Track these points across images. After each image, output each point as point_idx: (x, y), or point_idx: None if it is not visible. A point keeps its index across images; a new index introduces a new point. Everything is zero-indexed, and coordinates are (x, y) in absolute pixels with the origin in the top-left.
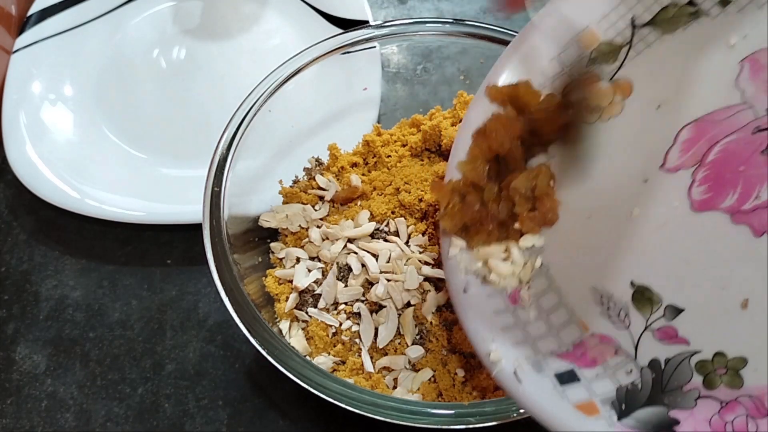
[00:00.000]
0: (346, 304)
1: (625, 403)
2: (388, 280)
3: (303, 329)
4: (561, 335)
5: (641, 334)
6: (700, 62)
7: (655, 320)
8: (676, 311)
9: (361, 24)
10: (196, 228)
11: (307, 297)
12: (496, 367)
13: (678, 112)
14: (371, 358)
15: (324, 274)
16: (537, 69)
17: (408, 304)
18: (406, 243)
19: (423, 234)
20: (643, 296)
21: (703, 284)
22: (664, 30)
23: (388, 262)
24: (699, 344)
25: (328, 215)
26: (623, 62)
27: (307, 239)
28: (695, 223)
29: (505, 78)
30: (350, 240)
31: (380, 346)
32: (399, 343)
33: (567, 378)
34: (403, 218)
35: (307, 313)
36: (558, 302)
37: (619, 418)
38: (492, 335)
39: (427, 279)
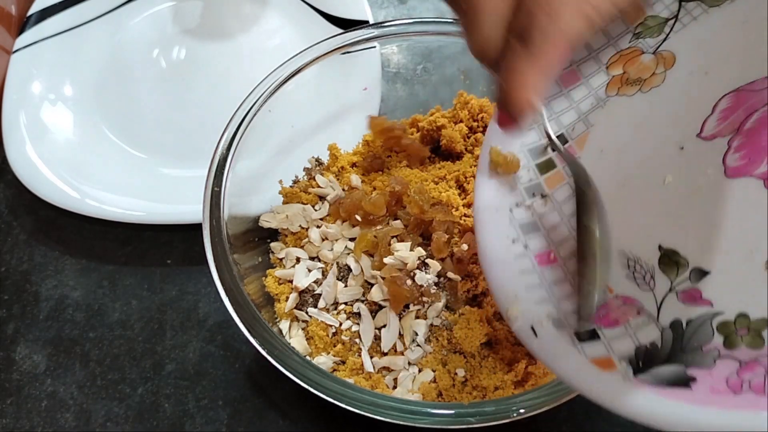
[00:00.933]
0: (346, 304)
1: (643, 360)
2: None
3: (303, 329)
4: (588, 306)
5: (665, 296)
6: (744, 34)
7: (680, 283)
8: (701, 274)
9: (361, 24)
10: (196, 228)
11: (307, 297)
12: (515, 322)
13: (718, 82)
14: (371, 358)
15: (324, 274)
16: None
17: (408, 306)
18: None
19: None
20: (670, 259)
21: (730, 248)
22: (710, 3)
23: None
24: (722, 306)
25: (328, 215)
26: (668, 35)
27: (307, 239)
28: (728, 188)
29: None
30: (351, 239)
31: (384, 351)
32: (399, 344)
33: (587, 336)
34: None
35: (307, 313)
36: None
37: (635, 373)
38: (515, 292)
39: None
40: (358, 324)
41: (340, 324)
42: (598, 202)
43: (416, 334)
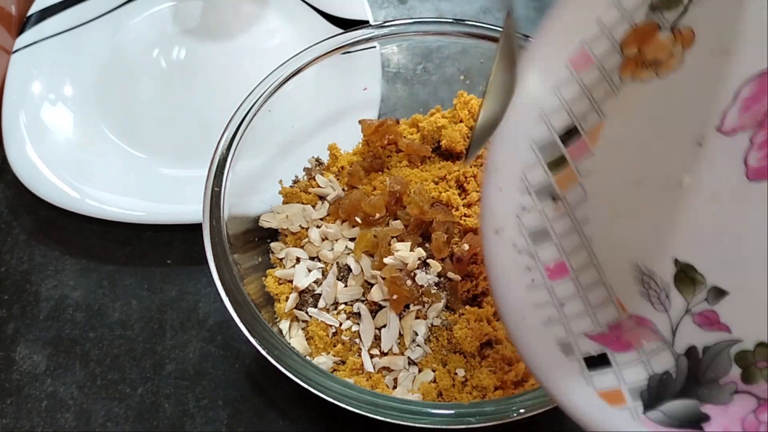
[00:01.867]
0: (346, 304)
1: (655, 393)
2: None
3: (303, 329)
4: (597, 315)
5: (681, 318)
6: None
7: (696, 303)
8: (719, 294)
9: (361, 24)
10: (196, 228)
11: (307, 297)
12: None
13: (741, 64)
14: (371, 358)
15: (324, 274)
16: (593, 17)
17: (408, 306)
18: None
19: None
20: (686, 276)
21: (751, 264)
22: None
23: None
24: (741, 332)
25: (328, 215)
26: (687, 7)
27: (306, 239)
28: (750, 193)
29: (558, 29)
30: (351, 239)
31: (384, 350)
32: (399, 344)
33: (597, 362)
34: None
35: (307, 313)
36: (597, 279)
37: (646, 409)
38: (522, 312)
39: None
40: (358, 324)
41: (340, 324)
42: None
43: (416, 334)
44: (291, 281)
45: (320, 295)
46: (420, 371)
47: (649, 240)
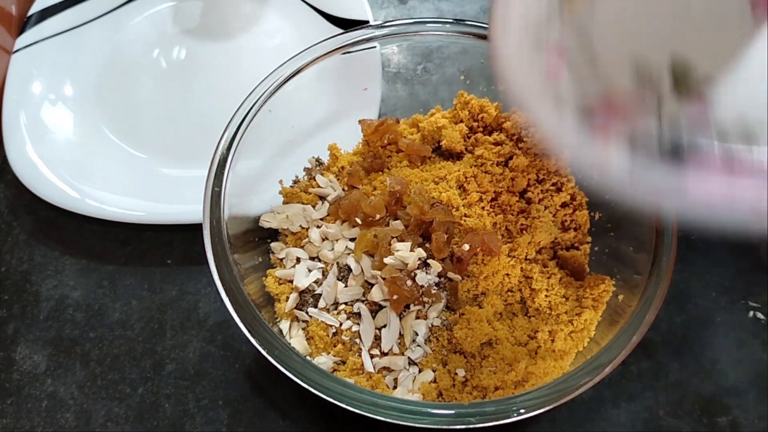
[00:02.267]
0: (346, 304)
1: (639, 142)
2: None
3: (303, 329)
4: (590, 95)
5: (669, 99)
6: None
7: (687, 89)
8: (708, 81)
9: (361, 24)
10: (196, 228)
11: (308, 297)
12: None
13: None
14: (371, 358)
15: (324, 274)
16: None
17: (408, 306)
18: None
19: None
20: (678, 65)
21: (746, 68)
22: None
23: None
24: (722, 112)
25: (328, 215)
26: None
27: (307, 239)
28: (753, 26)
29: None
30: (351, 239)
31: (384, 350)
32: (399, 344)
33: (588, 117)
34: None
35: (307, 313)
36: (591, 63)
37: (630, 150)
38: (523, 72)
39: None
40: (358, 324)
41: (340, 324)
42: None
43: (416, 334)
44: (291, 281)
45: (320, 295)
46: (420, 371)
47: (647, 35)
